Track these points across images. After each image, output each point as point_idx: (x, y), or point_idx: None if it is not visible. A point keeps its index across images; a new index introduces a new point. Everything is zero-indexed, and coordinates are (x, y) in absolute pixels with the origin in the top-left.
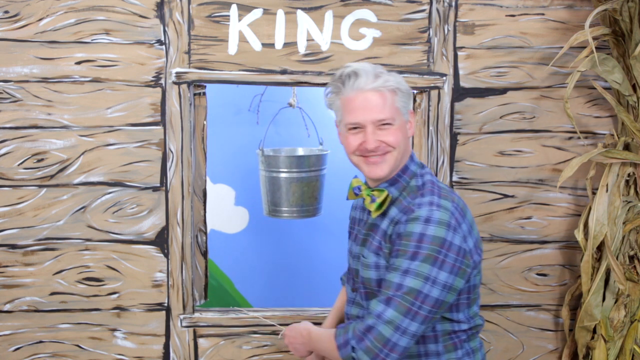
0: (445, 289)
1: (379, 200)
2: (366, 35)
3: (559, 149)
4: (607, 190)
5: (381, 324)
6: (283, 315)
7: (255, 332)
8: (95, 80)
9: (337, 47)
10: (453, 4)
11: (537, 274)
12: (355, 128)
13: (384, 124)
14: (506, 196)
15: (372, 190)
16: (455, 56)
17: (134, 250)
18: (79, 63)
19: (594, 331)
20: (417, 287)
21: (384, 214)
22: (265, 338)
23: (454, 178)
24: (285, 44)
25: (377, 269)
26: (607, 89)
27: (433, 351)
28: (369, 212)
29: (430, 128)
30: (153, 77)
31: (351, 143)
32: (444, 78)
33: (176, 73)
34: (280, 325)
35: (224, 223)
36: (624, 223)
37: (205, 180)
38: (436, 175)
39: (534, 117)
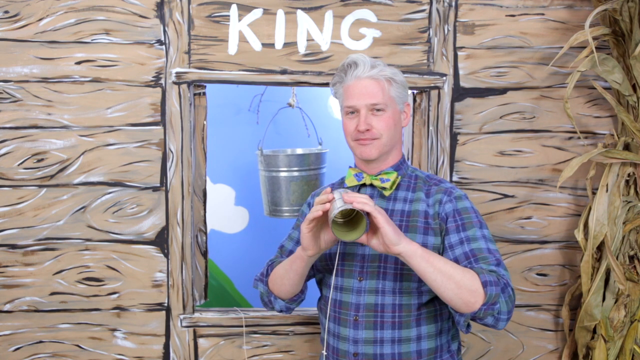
0: None
1: (393, 179)
2: (366, 35)
3: (559, 149)
4: (607, 190)
5: (509, 284)
6: (283, 315)
7: (255, 332)
8: (95, 80)
9: (337, 47)
10: (453, 4)
11: (537, 274)
12: (352, 112)
13: (377, 110)
14: (506, 196)
15: (379, 174)
16: (455, 56)
17: (134, 250)
18: (79, 63)
19: (594, 331)
20: (497, 249)
21: (395, 198)
22: (265, 338)
23: (454, 178)
24: (285, 44)
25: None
26: (607, 89)
27: (445, 342)
28: (380, 198)
29: (430, 128)
30: (153, 77)
31: (348, 127)
32: (444, 78)
33: (176, 73)
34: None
35: (224, 223)
36: (624, 223)
37: (205, 180)
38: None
39: (534, 117)
